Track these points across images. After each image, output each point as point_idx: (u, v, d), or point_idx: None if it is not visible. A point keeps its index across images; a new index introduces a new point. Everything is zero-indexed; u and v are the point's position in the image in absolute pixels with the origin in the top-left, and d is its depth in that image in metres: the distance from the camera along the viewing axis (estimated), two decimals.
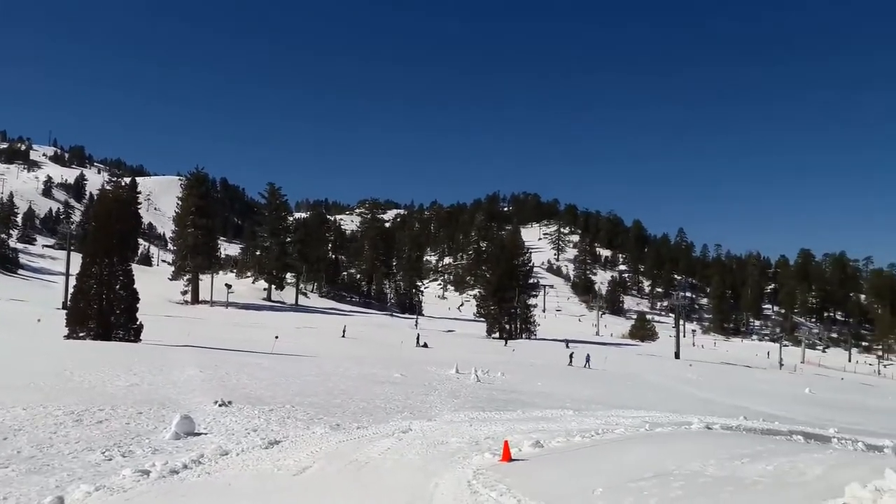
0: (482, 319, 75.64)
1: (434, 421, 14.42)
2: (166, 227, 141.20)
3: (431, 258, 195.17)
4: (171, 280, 75.63)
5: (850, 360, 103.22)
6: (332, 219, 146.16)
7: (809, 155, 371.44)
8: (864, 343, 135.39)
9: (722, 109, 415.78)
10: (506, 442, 9.76)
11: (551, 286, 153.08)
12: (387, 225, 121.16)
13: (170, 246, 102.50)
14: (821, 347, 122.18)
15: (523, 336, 71.61)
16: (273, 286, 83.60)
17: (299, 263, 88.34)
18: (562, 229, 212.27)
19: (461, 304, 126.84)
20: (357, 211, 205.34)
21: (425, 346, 45.85)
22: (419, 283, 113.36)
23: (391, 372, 24.41)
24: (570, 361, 41.21)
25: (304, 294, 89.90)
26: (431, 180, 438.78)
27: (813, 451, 10.65)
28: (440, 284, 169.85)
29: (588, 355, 43.68)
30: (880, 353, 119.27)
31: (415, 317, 79.46)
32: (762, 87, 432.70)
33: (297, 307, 78.85)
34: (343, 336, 48.43)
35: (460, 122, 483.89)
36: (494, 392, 21.79)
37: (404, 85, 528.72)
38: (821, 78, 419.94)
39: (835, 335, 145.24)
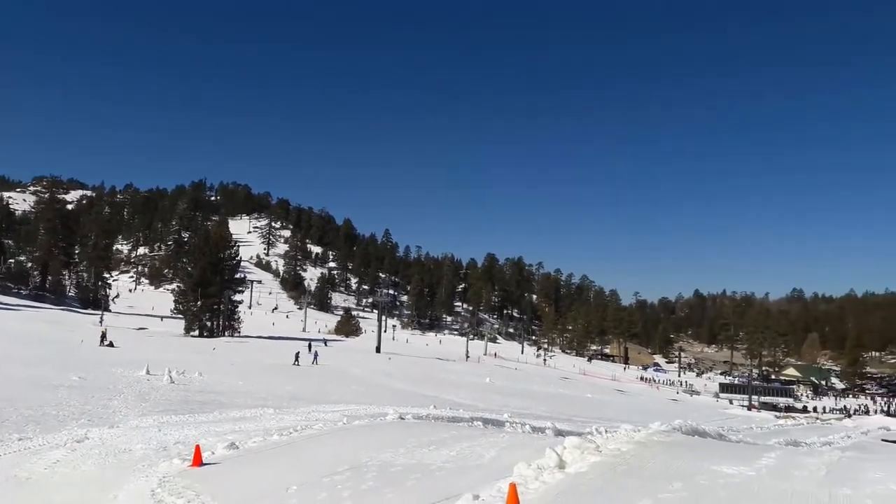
0: (180, 316, 70.79)
1: (117, 428, 13.14)
2: None
3: (124, 247, 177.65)
4: None
5: (522, 352, 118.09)
6: None
7: (489, 169, 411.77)
8: (533, 337, 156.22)
9: (416, 118, 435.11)
10: (197, 446, 9.27)
11: (259, 281, 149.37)
12: (69, 207, 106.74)
13: None
14: (500, 340, 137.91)
15: (227, 334, 68.74)
16: None
17: None
18: (273, 224, 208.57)
19: (116, 295, 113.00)
20: (32, 189, 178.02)
21: (111, 345, 41.37)
22: (107, 275, 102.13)
23: (68, 374, 21.60)
24: (296, 360, 40.71)
25: None
26: (126, 160, 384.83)
27: (489, 435, 11.83)
28: (133, 277, 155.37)
29: (316, 352, 44.34)
30: (546, 345, 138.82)
31: (100, 312, 71.44)
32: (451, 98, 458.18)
33: None
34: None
35: (163, 97, 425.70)
36: (190, 393, 20.57)
37: (92, 43, 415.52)
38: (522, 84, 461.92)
39: (511, 330, 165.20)
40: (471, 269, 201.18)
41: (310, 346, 45.87)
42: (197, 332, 66.58)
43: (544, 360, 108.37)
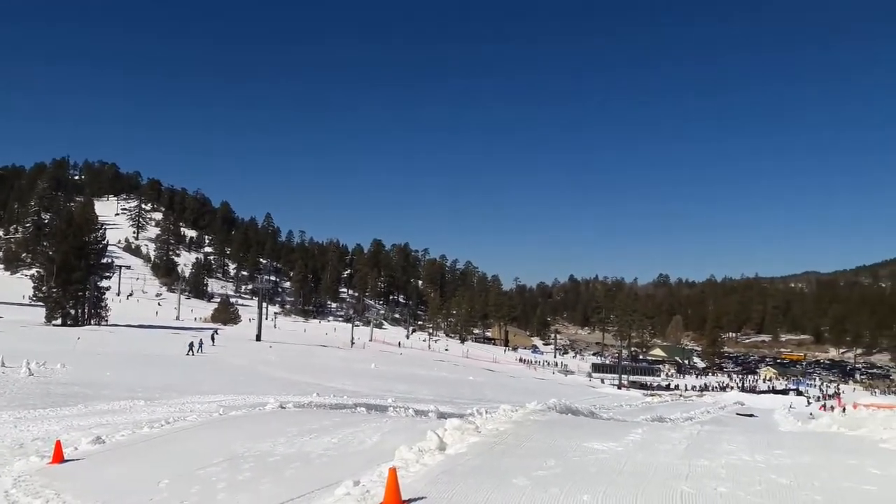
0: (41, 304, 65.78)
1: None
2: None
3: None
4: None
5: (408, 337, 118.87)
6: None
7: (376, 156, 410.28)
8: (419, 322, 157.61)
9: (299, 110, 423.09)
10: (57, 441, 8.69)
11: (129, 267, 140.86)
12: None
13: None
14: (386, 326, 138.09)
15: (93, 322, 64.59)
16: None
17: None
18: (143, 205, 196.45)
19: None
20: None
21: None
22: None
23: None
24: (190, 350, 38.98)
25: None
26: None
27: (373, 421, 11.86)
28: None
29: (201, 340, 43.24)
30: (431, 330, 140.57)
31: None
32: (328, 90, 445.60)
33: None
34: None
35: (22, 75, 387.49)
36: (51, 386, 19.22)
37: None
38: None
39: (397, 315, 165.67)
40: (357, 254, 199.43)
41: (213, 336, 44.20)
42: (59, 321, 62.37)
43: (429, 345, 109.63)
